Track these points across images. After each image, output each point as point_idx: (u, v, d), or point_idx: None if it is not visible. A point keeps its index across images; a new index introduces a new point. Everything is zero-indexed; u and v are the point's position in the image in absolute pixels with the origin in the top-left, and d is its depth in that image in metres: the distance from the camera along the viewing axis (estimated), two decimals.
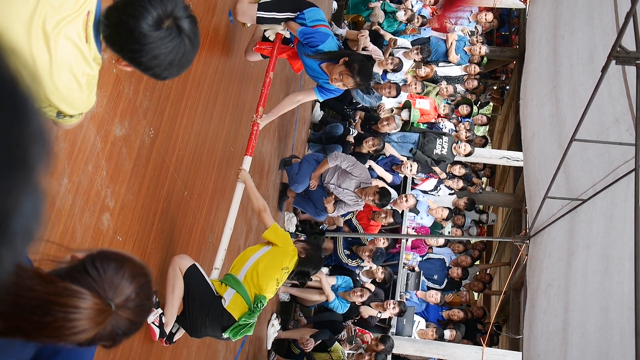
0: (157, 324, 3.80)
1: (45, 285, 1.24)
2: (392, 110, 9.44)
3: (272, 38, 5.08)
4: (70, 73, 1.78)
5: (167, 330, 3.86)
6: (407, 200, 8.11)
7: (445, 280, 10.10)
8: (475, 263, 11.51)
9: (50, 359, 1.61)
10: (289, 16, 4.80)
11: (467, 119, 10.66)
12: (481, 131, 12.12)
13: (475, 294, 11.66)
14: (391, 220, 7.87)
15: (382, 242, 7.93)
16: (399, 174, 8.59)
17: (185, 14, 1.91)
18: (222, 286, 4.02)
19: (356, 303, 7.58)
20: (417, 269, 9.82)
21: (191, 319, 3.91)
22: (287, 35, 5.03)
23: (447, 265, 10.16)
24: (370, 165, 8.23)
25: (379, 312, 7.88)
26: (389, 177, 8.21)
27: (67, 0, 1.76)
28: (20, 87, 0.44)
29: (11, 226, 0.43)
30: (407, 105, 9.33)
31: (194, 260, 3.98)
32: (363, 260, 7.86)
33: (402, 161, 8.52)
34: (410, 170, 8.29)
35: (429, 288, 10.01)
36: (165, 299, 3.85)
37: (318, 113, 8.76)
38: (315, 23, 4.82)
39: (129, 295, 1.41)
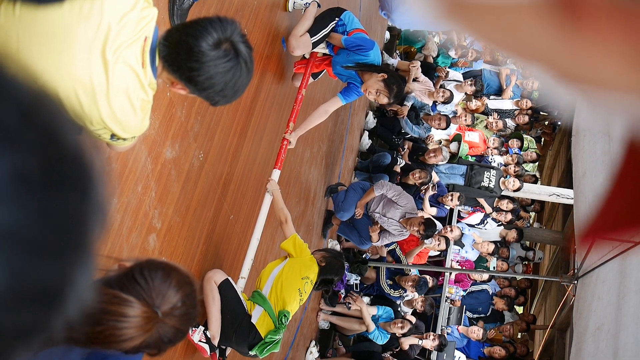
0: (205, 341, 3.82)
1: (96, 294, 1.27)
2: (441, 142, 9.39)
3: (307, 55, 5.14)
4: (126, 97, 1.81)
5: (216, 343, 3.87)
6: (452, 231, 8.01)
7: (490, 310, 9.95)
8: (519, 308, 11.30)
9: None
10: (332, 26, 4.89)
11: (516, 152, 10.53)
12: (530, 167, 11.94)
13: (519, 334, 11.41)
14: (444, 246, 7.76)
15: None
16: (444, 207, 8.50)
17: (242, 39, 1.96)
18: (250, 304, 4.02)
19: (396, 334, 7.48)
20: (459, 303, 9.67)
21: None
22: (323, 52, 5.12)
23: (491, 294, 10.00)
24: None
25: (420, 340, 7.74)
26: (433, 210, 8.12)
27: (127, 25, 1.79)
28: (83, 157, 0.43)
29: (63, 301, 0.43)
30: (457, 139, 9.27)
31: (227, 274, 3.98)
32: (406, 291, 7.78)
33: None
34: (452, 200, 8.17)
35: (470, 322, 9.85)
36: (205, 314, 3.87)
37: (366, 142, 8.76)
38: (356, 27, 4.94)
39: (176, 304, 1.45)
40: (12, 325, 0.39)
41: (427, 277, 7.89)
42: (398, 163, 8.29)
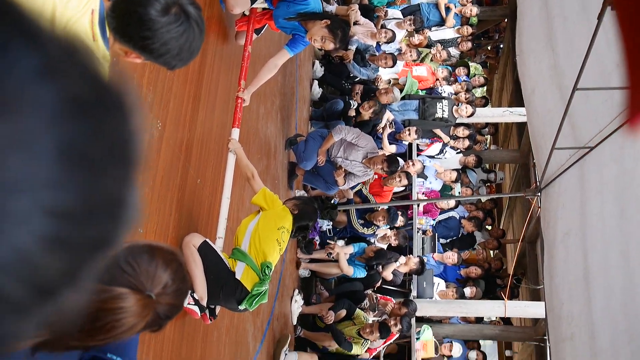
0: (193, 303, 3.87)
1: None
2: (390, 82, 9.46)
3: (247, 12, 5.12)
4: None
5: (205, 304, 3.92)
6: (414, 165, 8.15)
7: (461, 232, 10.20)
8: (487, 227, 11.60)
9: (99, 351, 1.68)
10: None
11: (464, 80, 10.66)
12: (479, 92, 12.11)
13: (492, 253, 11.74)
14: (406, 182, 7.86)
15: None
16: (403, 143, 8.60)
17: (189, 0, 1.95)
18: (232, 261, 4.07)
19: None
20: (430, 232, 9.89)
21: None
22: (263, 7, 5.09)
23: (459, 219, 10.24)
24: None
25: (399, 263, 7.91)
26: (392, 148, 8.22)
27: (71, 0, 1.78)
28: (120, 85, 0.48)
29: (124, 214, 0.48)
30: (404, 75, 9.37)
31: (204, 237, 4.02)
32: (378, 227, 7.93)
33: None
34: (410, 134, 8.26)
35: (444, 248, 10.10)
36: (189, 277, 3.91)
37: (317, 91, 8.77)
38: None
39: (166, 283, 1.48)
40: (88, 238, 0.44)
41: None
42: (352, 106, 8.33)
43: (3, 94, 0.39)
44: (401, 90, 9.14)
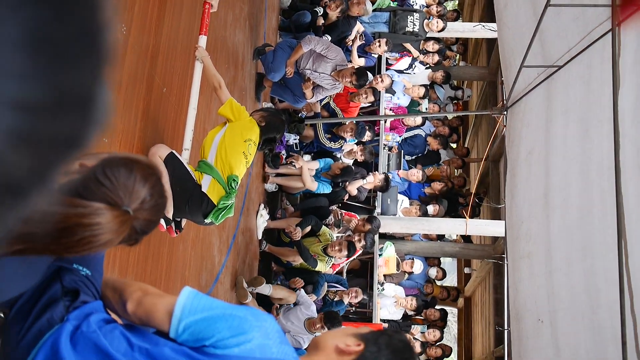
0: None
1: (66, 208, 1.27)
2: None
3: None
4: None
5: (170, 217, 3.91)
6: (382, 81, 8.08)
7: (426, 150, 10.30)
8: (452, 145, 11.70)
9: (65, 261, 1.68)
10: None
11: None
12: (450, 5, 11.94)
13: (456, 171, 11.90)
14: (372, 98, 7.85)
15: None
16: (372, 55, 8.50)
17: None
18: (198, 174, 4.03)
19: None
20: (396, 149, 9.94)
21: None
22: None
23: (425, 136, 10.31)
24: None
25: (365, 180, 8.00)
26: (361, 61, 8.12)
27: None
28: None
29: (94, 110, 0.45)
30: None
31: (170, 148, 3.97)
32: (346, 140, 7.94)
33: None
34: (380, 46, 8.17)
35: (409, 165, 10.20)
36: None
37: None
38: None
39: (144, 197, 1.46)
40: (58, 134, 0.42)
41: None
42: (319, 14, 8.12)
43: None
44: (373, 2, 8.97)
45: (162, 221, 3.90)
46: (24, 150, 0.39)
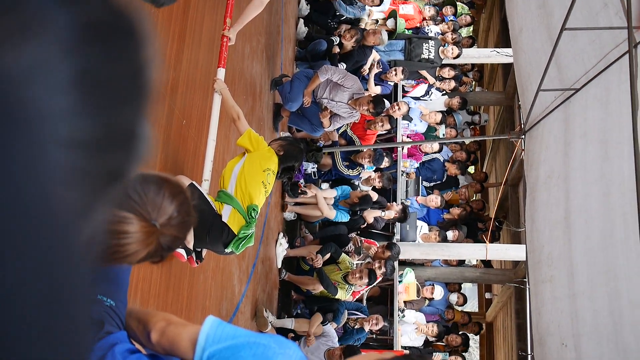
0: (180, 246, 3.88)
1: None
2: (377, 22, 9.33)
3: None
4: None
5: (191, 247, 3.93)
6: (399, 108, 8.12)
7: (445, 177, 10.29)
8: (470, 168, 11.68)
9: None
10: None
11: (451, 19, 10.56)
12: (465, 32, 12.00)
13: (474, 195, 11.86)
14: (388, 126, 7.87)
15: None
16: (388, 83, 8.55)
17: None
18: (218, 204, 4.06)
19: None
20: (414, 175, 9.94)
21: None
22: None
23: (443, 161, 10.31)
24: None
25: (383, 212, 7.99)
26: (377, 89, 8.17)
27: None
28: (133, 13, 0.47)
29: (138, 145, 0.47)
30: (392, 15, 9.22)
31: (190, 179, 4.00)
32: (363, 167, 7.96)
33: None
34: (396, 75, 8.23)
35: (428, 191, 10.18)
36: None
37: (303, 29, 8.65)
38: None
39: (172, 214, 1.49)
40: (105, 169, 0.44)
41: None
42: (334, 43, 8.19)
43: (23, 18, 0.37)
44: (392, 33, 9.03)
45: (183, 252, 3.92)
46: (73, 185, 0.41)
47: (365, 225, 8.06)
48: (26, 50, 0.37)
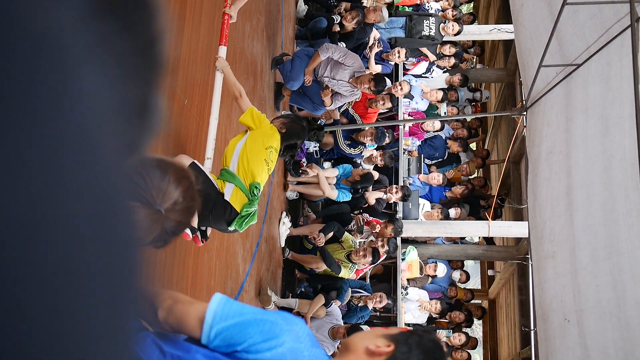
0: None
1: None
2: None
3: None
4: None
5: (195, 225, 3.94)
6: (401, 88, 8.10)
7: (447, 154, 10.28)
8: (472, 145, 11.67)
9: None
10: None
11: None
12: (465, 9, 11.92)
13: (476, 171, 11.86)
14: (390, 105, 7.86)
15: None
16: (389, 63, 8.53)
17: None
18: (220, 182, 4.07)
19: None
20: (416, 153, 9.93)
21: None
22: None
23: (445, 138, 10.30)
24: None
25: (385, 193, 8.01)
26: (378, 68, 8.14)
27: None
28: None
29: (153, 118, 0.48)
30: None
31: (192, 158, 4.00)
32: (365, 146, 7.96)
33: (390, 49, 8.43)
34: (399, 57, 8.21)
35: (429, 167, 10.19)
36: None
37: (302, 8, 8.60)
38: None
39: (177, 199, 1.50)
40: (122, 140, 0.45)
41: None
42: (335, 22, 8.15)
43: None
44: (390, 5, 9.00)
45: (188, 230, 3.93)
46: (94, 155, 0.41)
47: (367, 205, 8.08)
48: (45, 13, 0.37)
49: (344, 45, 7.68)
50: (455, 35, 9.36)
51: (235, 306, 1.58)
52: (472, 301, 11.06)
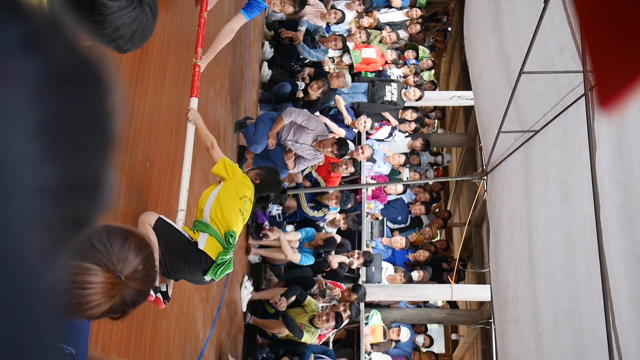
0: None
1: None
2: (334, 60, 9.45)
3: None
4: None
5: (158, 286, 3.87)
6: (363, 152, 8.18)
7: (409, 219, 10.31)
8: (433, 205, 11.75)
9: None
10: None
11: (413, 63, 10.75)
12: (426, 75, 12.21)
13: (438, 233, 11.91)
14: (352, 169, 7.94)
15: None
16: (353, 129, 8.66)
17: None
18: (194, 233, 4.02)
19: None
20: (379, 216, 9.96)
21: (170, 268, 3.91)
22: None
23: (407, 203, 10.35)
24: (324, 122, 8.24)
25: (347, 258, 7.97)
26: (342, 132, 8.23)
27: None
28: (99, 62, 0.46)
29: (103, 193, 0.46)
30: (345, 49, 9.37)
31: (158, 214, 3.96)
32: (329, 208, 7.96)
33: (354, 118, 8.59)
34: (365, 126, 8.39)
35: (392, 231, 10.19)
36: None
37: (266, 72, 8.70)
38: None
39: (137, 267, 1.49)
40: (70, 215, 0.43)
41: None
42: (299, 88, 8.28)
43: None
44: (351, 67, 9.19)
45: (151, 290, 3.84)
46: (38, 230, 0.40)
47: (330, 269, 8.03)
48: None
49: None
50: (416, 100, 9.55)
51: None
52: None
